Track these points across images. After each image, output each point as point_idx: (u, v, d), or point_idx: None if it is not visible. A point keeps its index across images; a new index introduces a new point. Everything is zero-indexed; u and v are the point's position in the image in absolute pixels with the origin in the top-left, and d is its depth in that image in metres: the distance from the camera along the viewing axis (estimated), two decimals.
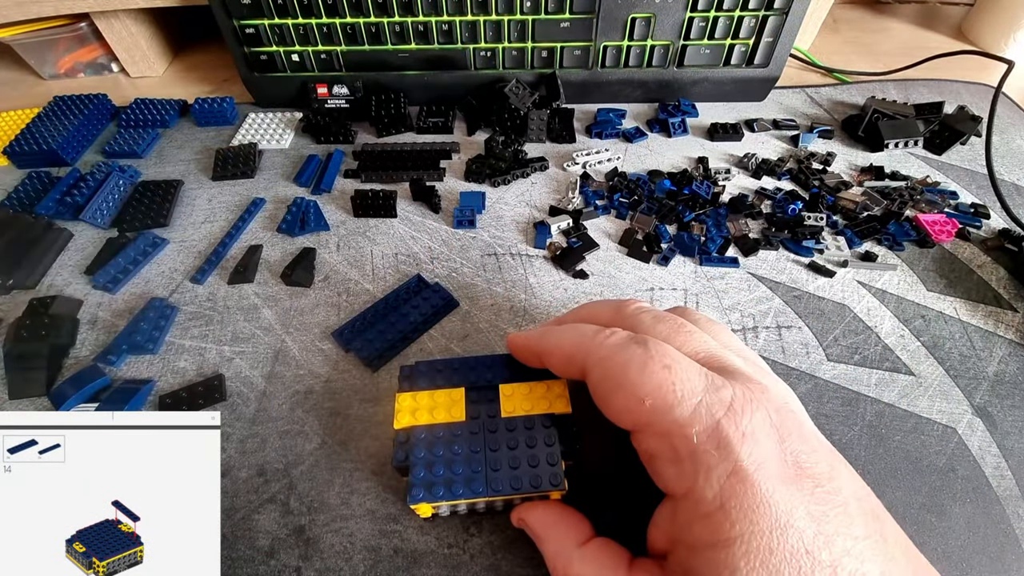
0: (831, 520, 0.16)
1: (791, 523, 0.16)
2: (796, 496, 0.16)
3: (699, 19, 0.42)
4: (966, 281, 0.34)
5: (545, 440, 0.22)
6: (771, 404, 0.18)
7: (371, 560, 0.23)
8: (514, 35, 0.43)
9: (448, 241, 0.36)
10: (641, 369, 0.18)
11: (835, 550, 0.16)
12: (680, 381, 0.18)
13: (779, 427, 0.17)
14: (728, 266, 0.35)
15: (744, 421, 0.17)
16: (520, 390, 0.24)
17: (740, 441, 0.17)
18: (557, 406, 0.23)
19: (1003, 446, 0.27)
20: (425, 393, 0.24)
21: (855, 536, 0.16)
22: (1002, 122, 0.46)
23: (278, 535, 0.24)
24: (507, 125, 0.44)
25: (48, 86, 0.52)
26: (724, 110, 0.47)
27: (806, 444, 0.18)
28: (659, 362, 0.18)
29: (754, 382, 0.19)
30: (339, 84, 0.46)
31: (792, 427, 0.18)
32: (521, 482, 0.21)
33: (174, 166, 0.42)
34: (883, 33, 0.60)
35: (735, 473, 0.16)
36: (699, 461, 0.17)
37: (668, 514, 0.19)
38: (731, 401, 0.17)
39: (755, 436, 0.17)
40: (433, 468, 0.21)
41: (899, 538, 0.17)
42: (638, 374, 0.18)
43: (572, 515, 0.22)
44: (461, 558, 0.23)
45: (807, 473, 0.17)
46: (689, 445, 0.17)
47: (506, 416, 0.23)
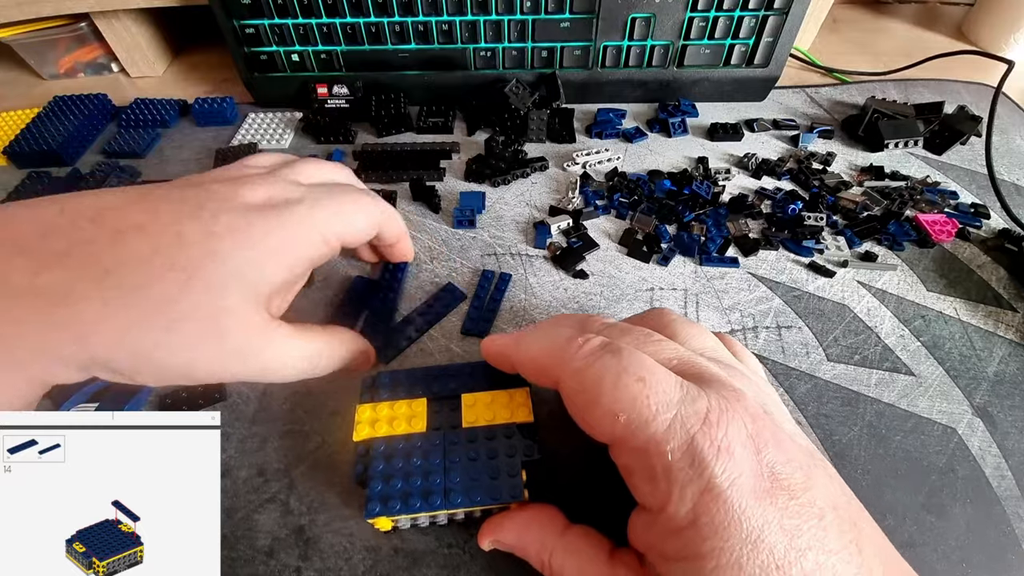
0: (804, 534, 0.16)
1: (762, 539, 0.16)
2: (769, 511, 0.16)
3: (699, 19, 0.42)
4: (966, 281, 0.34)
5: (506, 451, 0.22)
6: (747, 413, 0.18)
7: (371, 560, 0.23)
8: (514, 35, 0.43)
9: (448, 241, 0.36)
10: (615, 382, 0.18)
11: (806, 565, 0.16)
12: (654, 394, 0.17)
13: (755, 437, 0.17)
14: (728, 266, 0.35)
15: (719, 434, 0.17)
16: (482, 399, 0.23)
17: (715, 457, 0.16)
18: (519, 415, 0.23)
19: (1003, 446, 0.27)
20: (385, 404, 0.23)
21: (828, 550, 0.16)
22: (1002, 122, 0.46)
23: (278, 535, 0.24)
24: (507, 125, 0.44)
25: (48, 86, 0.52)
26: (724, 110, 0.47)
27: (782, 453, 0.17)
28: (633, 374, 0.18)
29: (729, 388, 0.18)
30: (339, 84, 0.46)
31: (769, 436, 0.17)
32: (479, 494, 0.21)
33: (174, 166, 0.42)
34: (883, 33, 0.60)
35: (708, 490, 0.16)
36: (673, 479, 0.17)
37: (643, 523, 0.19)
38: (706, 413, 0.17)
39: (730, 450, 0.17)
40: (390, 481, 0.21)
41: (878, 547, 0.17)
42: (611, 387, 0.18)
43: (543, 511, 0.21)
44: (461, 558, 0.23)
45: (782, 485, 0.17)
46: (664, 462, 0.17)
47: (467, 426, 0.22)
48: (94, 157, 0.43)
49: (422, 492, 0.21)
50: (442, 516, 0.22)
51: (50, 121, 0.43)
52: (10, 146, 0.41)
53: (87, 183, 0.39)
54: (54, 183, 0.39)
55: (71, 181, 0.39)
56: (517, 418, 0.23)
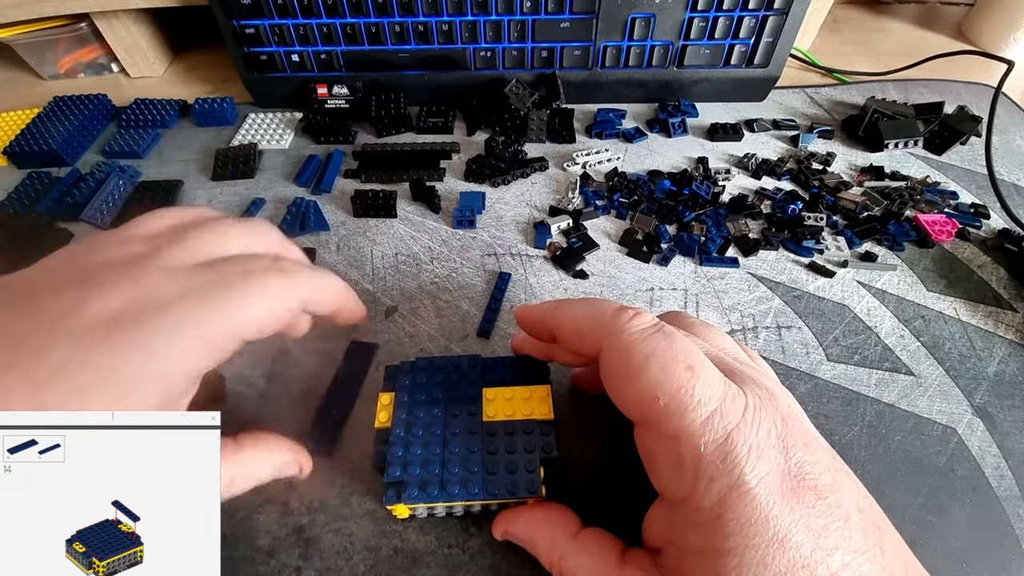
0: (831, 534, 0.16)
1: (789, 538, 0.16)
2: (796, 510, 0.16)
3: (699, 19, 0.42)
4: (966, 281, 0.34)
5: (525, 446, 0.22)
6: (778, 413, 0.18)
7: (371, 560, 0.23)
8: (514, 35, 0.43)
9: (448, 241, 0.36)
10: (663, 366, 0.17)
11: (833, 565, 0.16)
12: (700, 386, 0.17)
13: (784, 438, 0.17)
14: (728, 266, 0.35)
15: (753, 434, 0.17)
16: (503, 394, 0.23)
17: (746, 456, 0.16)
18: (539, 411, 0.23)
19: (1003, 446, 0.27)
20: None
21: (854, 550, 0.16)
22: (1002, 122, 0.46)
23: (278, 535, 0.24)
24: (507, 125, 0.44)
25: (48, 86, 0.52)
26: (724, 110, 0.47)
27: (810, 454, 0.17)
28: (683, 361, 0.17)
29: (763, 388, 0.18)
30: (339, 84, 0.46)
31: (798, 436, 0.17)
32: (497, 488, 0.21)
33: (174, 166, 0.42)
34: (883, 33, 0.60)
35: (736, 487, 0.16)
36: (701, 470, 0.17)
37: (663, 514, 0.19)
38: (743, 411, 0.17)
39: (760, 449, 0.17)
40: (409, 468, 0.21)
41: (898, 550, 0.17)
42: (659, 371, 0.17)
43: (557, 511, 0.21)
44: (461, 558, 0.23)
45: (809, 485, 0.17)
46: (695, 453, 0.17)
47: (487, 420, 0.23)
48: (94, 157, 0.43)
49: (440, 481, 0.21)
50: (459, 507, 0.23)
51: (50, 121, 0.43)
52: (10, 146, 0.41)
53: (87, 183, 0.39)
54: (54, 183, 0.39)
55: (71, 181, 0.39)
56: (537, 414, 0.23)
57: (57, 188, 0.39)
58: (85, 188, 0.38)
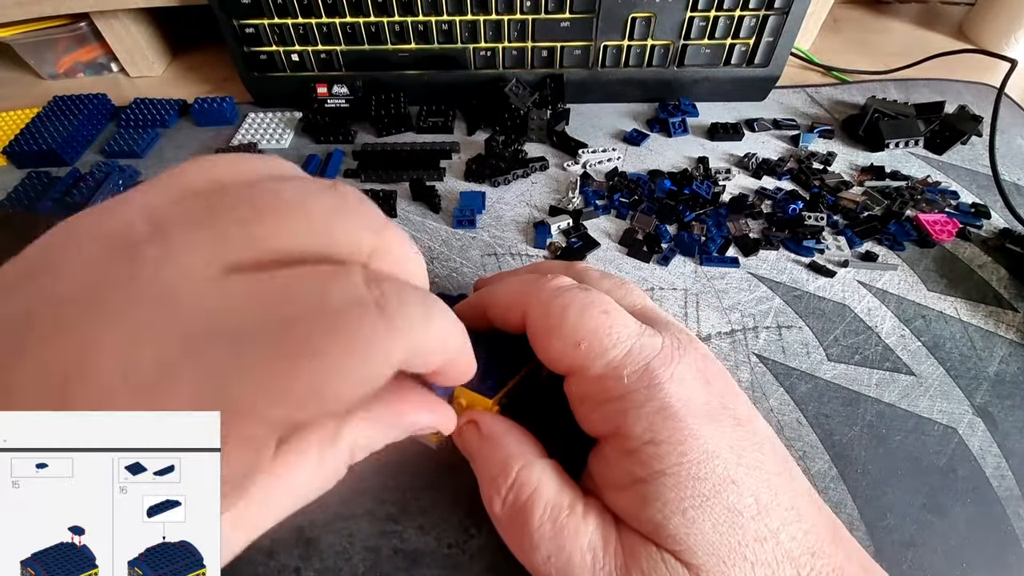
0: (749, 454, 0.18)
1: (717, 454, 0.17)
2: (720, 430, 0.17)
3: (699, 19, 0.42)
4: (967, 281, 0.34)
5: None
6: (698, 352, 0.19)
7: (371, 560, 0.23)
8: (514, 35, 0.43)
9: (448, 241, 0.36)
10: (580, 313, 0.19)
11: (754, 479, 0.17)
12: (616, 324, 0.19)
13: (705, 371, 0.19)
14: (728, 266, 0.35)
15: (674, 364, 0.18)
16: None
17: (669, 380, 0.18)
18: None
19: (1004, 446, 0.27)
20: None
21: (770, 471, 0.18)
22: (1003, 122, 0.46)
23: (278, 535, 0.24)
24: (507, 125, 0.44)
25: (48, 86, 0.52)
26: (724, 110, 0.47)
27: (730, 389, 0.19)
28: (598, 307, 0.19)
29: (683, 333, 0.20)
30: (339, 84, 0.46)
31: (717, 373, 0.19)
32: None
33: (174, 166, 0.42)
34: (883, 33, 0.60)
35: (663, 409, 0.17)
36: (629, 399, 0.18)
37: (598, 457, 0.19)
38: (661, 347, 0.19)
39: (683, 378, 0.18)
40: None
41: (802, 480, 0.19)
42: (577, 317, 0.19)
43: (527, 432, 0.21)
44: (461, 558, 0.23)
45: (730, 413, 0.18)
46: (620, 386, 0.18)
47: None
48: (93, 157, 0.43)
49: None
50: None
51: (49, 121, 0.43)
52: (9, 146, 0.41)
53: (86, 183, 0.39)
54: (54, 183, 0.39)
55: (70, 181, 0.39)
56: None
57: (57, 188, 0.39)
58: (85, 188, 0.38)
